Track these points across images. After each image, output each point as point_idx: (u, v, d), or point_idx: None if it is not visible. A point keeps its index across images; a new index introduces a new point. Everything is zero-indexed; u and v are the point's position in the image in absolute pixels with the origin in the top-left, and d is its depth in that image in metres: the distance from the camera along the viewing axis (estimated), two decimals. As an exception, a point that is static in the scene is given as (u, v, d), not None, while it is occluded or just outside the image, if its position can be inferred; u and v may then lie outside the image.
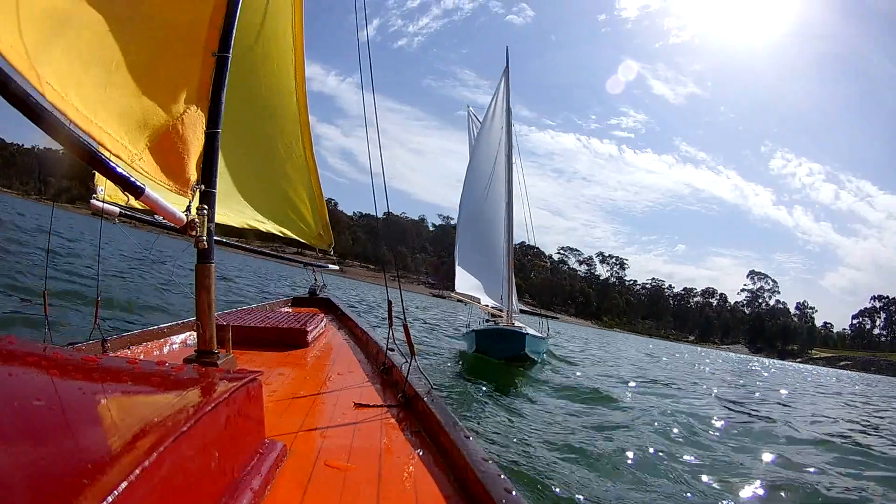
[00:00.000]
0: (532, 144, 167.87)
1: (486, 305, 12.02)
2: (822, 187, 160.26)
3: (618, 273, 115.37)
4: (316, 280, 4.98)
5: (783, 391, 13.84)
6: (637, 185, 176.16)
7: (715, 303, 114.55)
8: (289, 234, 4.12)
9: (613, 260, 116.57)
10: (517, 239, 14.36)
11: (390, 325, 2.18)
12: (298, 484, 1.08)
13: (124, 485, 0.54)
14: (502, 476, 1.08)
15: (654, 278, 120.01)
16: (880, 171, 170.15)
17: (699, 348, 78.44)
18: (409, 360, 1.88)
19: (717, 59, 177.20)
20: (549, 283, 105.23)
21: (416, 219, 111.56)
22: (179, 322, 2.78)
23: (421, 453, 1.34)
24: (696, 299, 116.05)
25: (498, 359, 9.19)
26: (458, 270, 11.85)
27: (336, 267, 4.90)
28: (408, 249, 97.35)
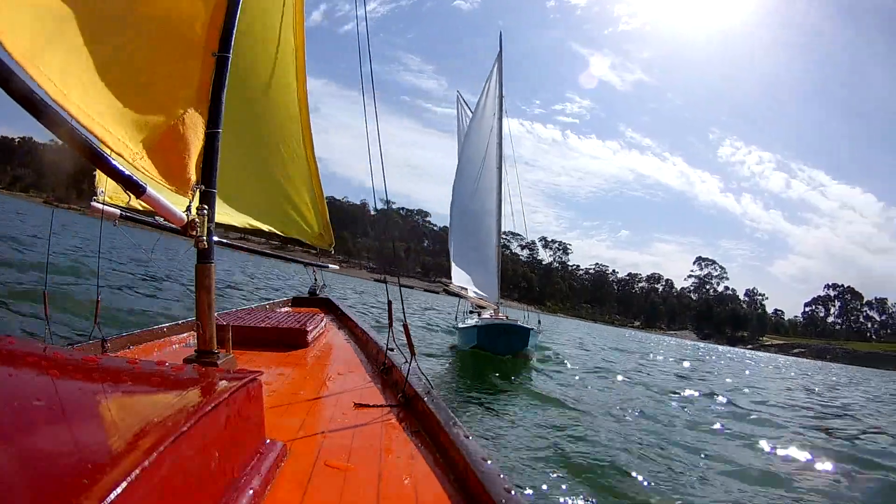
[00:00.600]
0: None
1: (475, 297, 11.88)
2: (773, 176, 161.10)
3: (561, 258, 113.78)
4: (316, 280, 4.98)
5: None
6: (581, 171, 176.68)
7: (661, 288, 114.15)
8: (290, 233, 4.13)
9: (556, 245, 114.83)
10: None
11: (390, 325, 2.18)
12: (298, 484, 1.08)
13: (124, 485, 0.54)
14: (502, 476, 1.08)
15: (597, 263, 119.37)
16: (834, 161, 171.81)
17: (646, 334, 78.06)
18: (409, 361, 1.88)
19: (666, 46, 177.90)
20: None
21: (358, 203, 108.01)
22: (179, 322, 2.78)
23: (421, 453, 1.34)
24: (640, 285, 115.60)
25: (501, 354, 9.09)
26: (454, 265, 11.75)
27: (336, 267, 4.91)
28: (348, 234, 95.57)
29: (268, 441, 1.10)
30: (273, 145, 3.78)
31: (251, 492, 0.90)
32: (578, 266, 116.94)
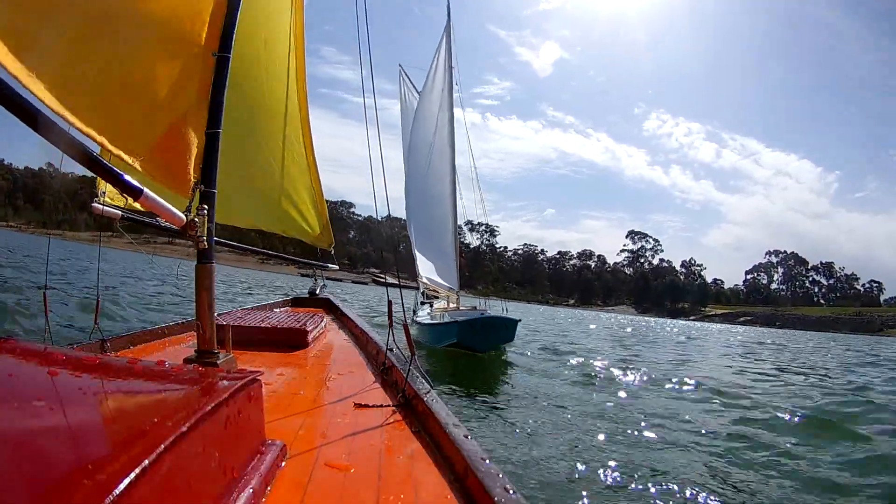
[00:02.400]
0: (394, 118, 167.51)
1: (435, 286, 11.05)
2: (703, 146, 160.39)
3: (488, 240, 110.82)
4: (316, 280, 4.98)
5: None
6: (502, 152, 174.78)
7: (593, 265, 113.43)
8: (290, 233, 4.13)
9: (483, 227, 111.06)
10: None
11: (390, 325, 2.19)
12: (298, 484, 1.08)
13: (124, 484, 0.54)
14: (502, 475, 1.08)
15: (525, 244, 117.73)
16: (768, 128, 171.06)
17: (582, 311, 77.20)
18: (409, 361, 1.88)
19: (588, 23, 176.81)
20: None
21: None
22: (179, 322, 2.78)
23: (421, 453, 1.34)
24: (572, 262, 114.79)
25: (484, 351, 8.40)
26: (417, 254, 10.97)
27: (336, 266, 4.90)
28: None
29: (268, 441, 1.10)
30: (273, 145, 3.78)
31: (251, 492, 0.90)
32: (506, 248, 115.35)
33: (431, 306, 11.86)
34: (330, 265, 4.83)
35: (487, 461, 1.15)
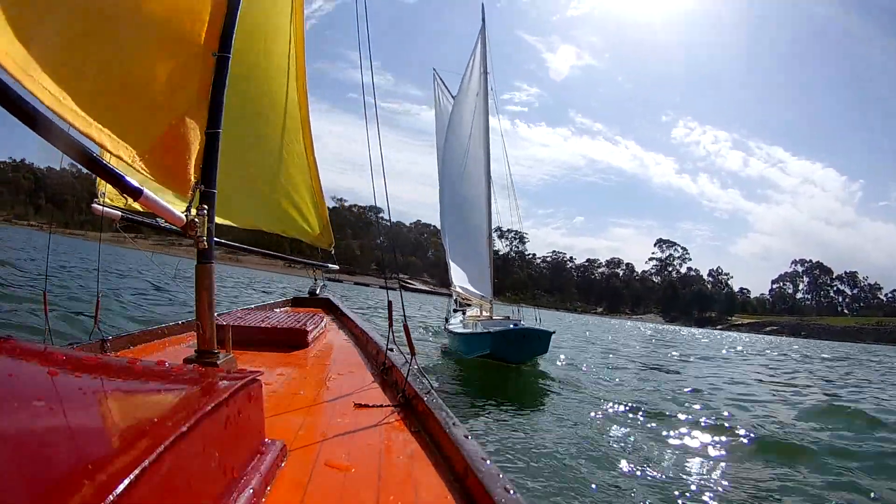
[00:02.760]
0: (422, 123, 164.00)
1: (471, 295, 10.83)
2: (730, 154, 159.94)
3: (517, 247, 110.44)
4: (316, 280, 4.98)
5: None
6: (531, 159, 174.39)
7: (622, 273, 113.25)
8: (290, 233, 4.13)
9: (513, 234, 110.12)
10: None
11: (390, 325, 2.18)
12: (298, 484, 1.08)
13: (124, 485, 0.54)
14: (502, 476, 1.08)
15: (554, 251, 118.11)
16: (793, 137, 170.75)
17: (610, 320, 76.81)
18: (409, 361, 1.88)
19: (615, 30, 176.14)
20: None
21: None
22: (179, 322, 2.78)
23: (421, 453, 1.34)
24: (600, 270, 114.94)
25: (518, 362, 8.20)
26: (451, 263, 10.74)
27: (336, 266, 4.91)
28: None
29: (268, 441, 1.10)
30: (273, 145, 3.78)
31: (251, 492, 0.90)
32: (535, 255, 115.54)
33: (464, 314, 11.55)
34: (330, 265, 4.84)
35: (488, 461, 1.15)
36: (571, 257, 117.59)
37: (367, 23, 2.44)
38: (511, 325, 8.93)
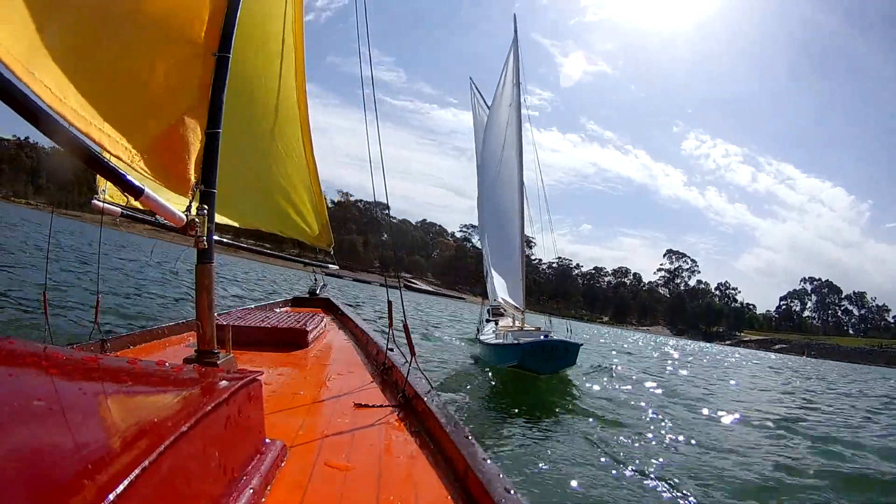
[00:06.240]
0: (433, 122, 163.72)
1: (508, 305, 10.83)
2: (739, 169, 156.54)
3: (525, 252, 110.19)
4: (316, 280, 4.98)
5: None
6: (542, 164, 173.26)
7: (629, 282, 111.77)
8: (289, 234, 4.12)
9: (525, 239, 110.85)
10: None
11: (390, 325, 2.18)
12: (298, 484, 1.08)
13: (124, 484, 0.54)
14: (502, 476, 1.08)
15: (560, 258, 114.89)
16: (804, 154, 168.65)
17: (618, 330, 75.44)
18: (409, 361, 1.88)
19: (631, 38, 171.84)
20: (453, 261, 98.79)
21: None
22: (179, 322, 2.78)
23: (421, 453, 1.34)
24: (607, 279, 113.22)
25: (547, 373, 8.41)
26: (493, 272, 10.79)
27: (336, 267, 4.90)
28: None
29: (268, 441, 1.10)
30: (272, 145, 3.78)
31: (251, 491, 0.90)
32: (541, 260, 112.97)
33: (497, 324, 11.73)
34: (330, 265, 4.83)
35: (488, 461, 1.15)
36: (578, 265, 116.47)
37: (367, 22, 2.45)
38: (541, 337, 9.14)
